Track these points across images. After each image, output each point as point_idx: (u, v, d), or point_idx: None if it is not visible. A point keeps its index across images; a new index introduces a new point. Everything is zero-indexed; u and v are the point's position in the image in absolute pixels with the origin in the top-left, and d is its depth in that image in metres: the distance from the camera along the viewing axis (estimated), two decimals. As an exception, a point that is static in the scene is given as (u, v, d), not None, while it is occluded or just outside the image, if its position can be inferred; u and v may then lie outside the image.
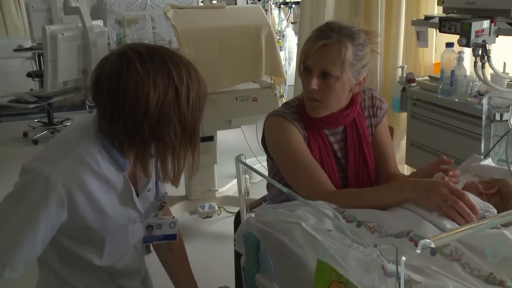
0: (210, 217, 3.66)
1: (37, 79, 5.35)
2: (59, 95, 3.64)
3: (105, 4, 4.57)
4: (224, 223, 3.82)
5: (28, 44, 5.95)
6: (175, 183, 1.41)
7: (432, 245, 0.93)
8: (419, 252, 0.94)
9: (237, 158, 1.47)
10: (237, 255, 2.02)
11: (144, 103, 1.25)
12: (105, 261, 1.49)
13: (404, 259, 0.92)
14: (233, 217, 3.84)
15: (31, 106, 3.97)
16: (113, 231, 1.45)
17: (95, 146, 1.35)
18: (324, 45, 1.64)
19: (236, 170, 1.48)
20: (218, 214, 3.83)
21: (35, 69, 5.99)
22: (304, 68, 1.71)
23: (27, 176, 1.29)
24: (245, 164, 1.45)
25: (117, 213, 1.43)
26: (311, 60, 1.67)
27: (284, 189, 1.34)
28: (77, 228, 1.38)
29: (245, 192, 1.54)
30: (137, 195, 1.48)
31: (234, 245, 1.54)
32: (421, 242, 0.94)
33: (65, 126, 5.74)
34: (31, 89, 5.30)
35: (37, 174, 1.28)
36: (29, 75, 5.49)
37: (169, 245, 1.67)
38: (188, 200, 3.69)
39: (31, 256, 1.32)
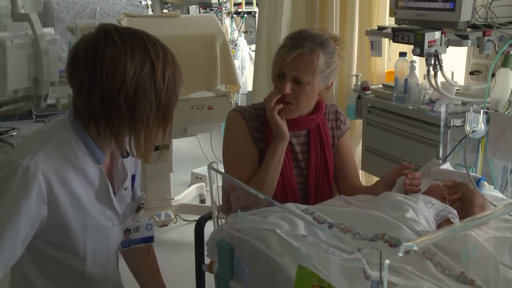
0: (167, 225, 3.66)
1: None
2: (9, 104, 3.53)
3: (52, 12, 4.48)
4: (180, 231, 3.82)
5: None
6: (147, 159, 1.42)
7: (415, 248, 0.98)
8: (401, 255, 0.98)
9: (209, 166, 1.48)
10: (198, 263, 2.03)
11: (121, 73, 1.26)
12: (88, 268, 1.46)
13: (388, 261, 0.96)
14: (189, 225, 3.86)
15: (-23, 115, 3.84)
16: (93, 232, 1.43)
17: (71, 137, 1.35)
18: (299, 54, 1.73)
19: (209, 176, 1.50)
20: (174, 223, 3.83)
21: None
22: (278, 76, 1.78)
23: (5, 170, 1.27)
24: (217, 171, 1.47)
25: (95, 210, 1.41)
26: (286, 68, 1.75)
27: (261, 195, 1.37)
28: (56, 229, 1.36)
29: (218, 200, 1.56)
30: (114, 194, 1.48)
31: (200, 251, 1.55)
32: (404, 245, 0.98)
33: (11, 135, 5.59)
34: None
35: (16, 166, 1.26)
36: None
37: (146, 247, 1.68)
38: (144, 209, 3.65)
39: (12, 257, 1.29)
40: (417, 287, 1.20)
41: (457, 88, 2.58)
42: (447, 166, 1.92)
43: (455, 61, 2.87)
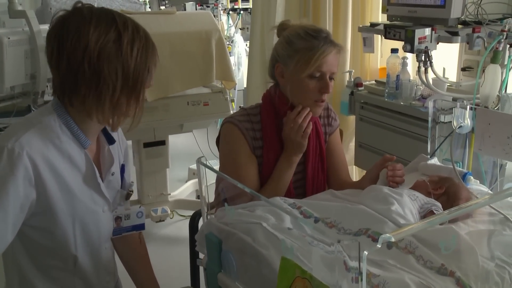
0: (163, 220, 3.67)
1: (-22, 84, 5.16)
2: (6, 100, 3.55)
3: (50, 9, 4.47)
4: (177, 227, 3.85)
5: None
6: (114, 127, 1.46)
7: (392, 239, 1.00)
8: (379, 246, 1.00)
9: (198, 160, 1.50)
10: (193, 257, 2.06)
11: (84, 38, 1.31)
12: (80, 255, 1.49)
13: (366, 253, 0.98)
14: (186, 220, 3.89)
15: (-25, 111, 3.86)
16: (82, 217, 1.46)
17: (55, 122, 1.39)
18: (336, 51, 1.77)
19: (197, 171, 1.52)
20: (171, 218, 3.85)
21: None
22: (314, 75, 1.76)
23: None
24: (206, 166, 1.49)
25: (83, 194, 1.45)
26: (325, 66, 1.75)
27: (247, 189, 1.39)
28: (45, 214, 1.39)
29: (207, 195, 1.58)
30: (102, 180, 1.52)
31: (195, 246, 1.58)
32: (382, 237, 1.00)
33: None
34: (-26, 94, 5.12)
35: (1, 149, 1.30)
36: (-30, 80, 5.29)
37: (137, 237, 1.72)
38: (141, 204, 3.67)
39: (3, 240, 1.32)
40: (398, 278, 1.22)
41: (448, 84, 2.60)
42: (434, 161, 1.94)
43: (448, 57, 2.89)
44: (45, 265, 1.48)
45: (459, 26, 2.38)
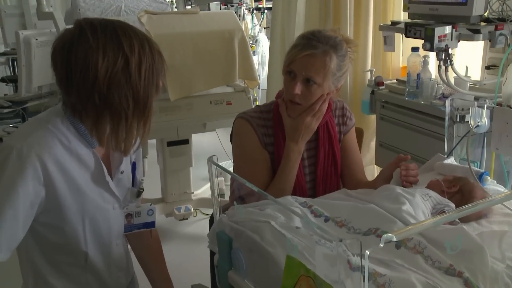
0: (186, 219, 3.69)
1: (11, 84, 5.29)
2: (34, 99, 3.63)
3: (79, 10, 4.54)
4: (200, 225, 3.86)
5: (1, 49, 5.86)
6: (126, 152, 1.47)
7: (394, 239, 1.00)
8: (382, 245, 1.00)
9: (209, 159, 1.51)
10: (212, 254, 2.07)
11: (93, 71, 1.30)
12: (91, 251, 1.51)
13: (368, 252, 0.97)
14: (209, 218, 3.91)
15: (6, 111, 3.95)
16: (92, 214, 1.48)
17: (63, 122, 1.41)
18: (310, 54, 1.74)
19: (209, 171, 1.53)
20: (194, 216, 3.87)
21: (8, 74, 5.91)
22: (288, 71, 1.79)
23: (1, 154, 1.33)
24: (217, 164, 1.50)
25: (93, 192, 1.47)
26: (296, 66, 1.76)
27: (255, 188, 1.40)
28: (55, 211, 1.41)
29: (217, 194, 1.59)
30: (112, 178, 1.53)
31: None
32: (384, 236, 1.00)
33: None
34: (5, 94, 5.25)
35: (10, 149, 1.32)
36: (2, 80, 5.41)
37: (148, 232, 1.72)
38: (164, 203, 3.72)
39: (14, 237, 1.35)
40: (404, 278, 1.21)
41: (471, 83, 2.56)
42: (451, 160, 1.92)
43: (472, 55, 2.85)
44: (57, 261, 1.51)
45: (482, 23, 2.35)
